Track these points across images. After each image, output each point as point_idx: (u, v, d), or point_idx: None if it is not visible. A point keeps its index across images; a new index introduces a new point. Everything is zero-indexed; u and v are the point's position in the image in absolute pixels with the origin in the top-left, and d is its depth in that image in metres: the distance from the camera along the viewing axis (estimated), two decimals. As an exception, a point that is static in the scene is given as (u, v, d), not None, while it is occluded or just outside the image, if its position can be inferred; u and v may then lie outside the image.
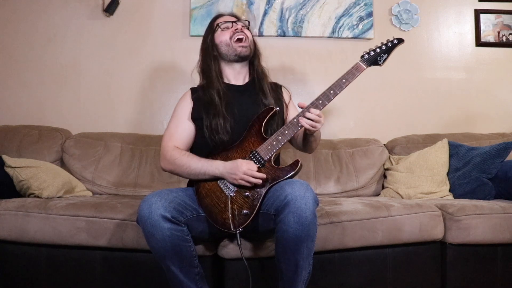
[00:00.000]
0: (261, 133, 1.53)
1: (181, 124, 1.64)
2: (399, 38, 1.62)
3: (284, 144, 1.50)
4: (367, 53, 1.59)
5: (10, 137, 2.24)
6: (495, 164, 2.04)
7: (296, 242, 1.31)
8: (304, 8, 2.56)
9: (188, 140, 1.64)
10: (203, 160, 1.52)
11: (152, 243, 1.36)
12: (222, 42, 1.67)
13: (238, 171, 1.43)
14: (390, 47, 1.61)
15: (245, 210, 1.41)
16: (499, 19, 2.63)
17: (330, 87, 1.53)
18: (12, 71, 2.52)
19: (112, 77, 2.54)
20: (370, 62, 1.58)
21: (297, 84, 2.54)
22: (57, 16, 2.54)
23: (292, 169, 1.43)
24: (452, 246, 1.73)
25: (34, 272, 1.66)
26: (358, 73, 1.55)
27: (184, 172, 1.55)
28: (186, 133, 1.64)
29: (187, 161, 1.53)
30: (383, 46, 1.60)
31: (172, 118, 1.68)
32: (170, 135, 1.63)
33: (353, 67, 1.56)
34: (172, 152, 1.57)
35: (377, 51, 1.60)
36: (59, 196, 1.88)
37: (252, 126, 1.56)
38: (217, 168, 1.48)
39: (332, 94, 1.52)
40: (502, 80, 2.64)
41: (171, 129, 1.65)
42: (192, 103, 1.66)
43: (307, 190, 1.32)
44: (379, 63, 1.59)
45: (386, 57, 1.60)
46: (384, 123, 2.59)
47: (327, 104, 1.51)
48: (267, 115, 1.56)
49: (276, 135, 1.49)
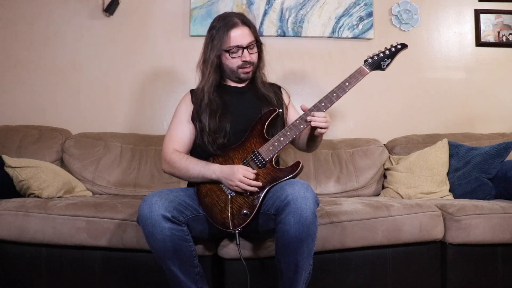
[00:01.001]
0: (263, 134, 1.54)
1: (181, 126, 1.64)
2: (403, 44, 1.64)
3: (285, 146, 1.50)
4: (370, 58, 1.61)
5: (10, 137, 2.24)
6: (495, 164, 2.04)
7: (296, 242, 1.31)
8: (304, 8, 2.56)
9: (188, 143, 1.65)
10: (201, 163, 1.53)
11: (152, 243, 1.36)
12: (227, 66, 1.64)
13: (234, 177, 1.43)
14: (393, 52, 1.62)
15: (245, 210, 1.42)
16: (499, 19, 2.63)
17: (333, 90, 1.54)
18: (12, 71, 2.52)
19: (112, 77, 2.54)
20: (373, 66, 1.60)
21: (297, 84, 2.54)
22: (57, 16, 2.54)
23: (293, 170, 1.43)
24: (452, 246, 1.73)
25: (34, 272, 1.66)
26: (361, 77, 1.57)
27: (183, 175, 1.56)
28: (186, 136, 1.64)
29: (186, 164, 1.54)
30: (387, 51, 1.62)
31: (172, 121, 1.68)
32: (170, 138, 1.63)
33: (356, 71, 1.57)
34: (172, 155, 1.58)
35: (380, 55, 1.61)
36: (59, 196, 1.88)
37: (254, 127, 1.56)
38: (214, 173, 1.49)
39: (335, 97, 1.53)
40: (502, 80, 2.64)
41: (171, 131, 1.65)
42: (192, 105, 1.65)
43: (307, 191, 1.32)
44: (383, 67, 1.61)
45: (389, 62, 1.62)
46: (384, 123, 2.59)
47: (329, 107, 1.52)
48: (269, 116, 1.56)
49: (278, 136, 1.50)
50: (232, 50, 1.60)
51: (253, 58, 1.64)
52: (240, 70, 1.64)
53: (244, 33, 1.61)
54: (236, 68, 1.63)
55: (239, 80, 1.69)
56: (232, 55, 1.61)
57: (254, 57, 1.66)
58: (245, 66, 1.63)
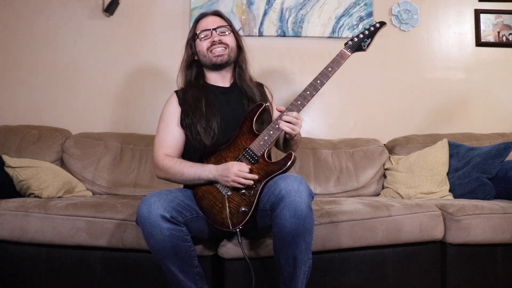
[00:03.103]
0: (253, 130, 1.53)
1: (170, 130, 1.63)
2: (381, 22, 1.64)
3: (276, 138, 1.50)
4: (350, 40, 1.61)
5: (10, 137, 2.24)
6: (495, 164, 2.04)
7: (293, 237, 1.31)
8: (304, 8, 2.56)
9: (179, 146, 1.64)
10: (196, 166, 1.53)
11: (151, 243, 1.36)
12: (200, 52, 1.67)
13: (229, 173, 1.43)
14: (373, 31, 1.62)
15: (243, 207, 1.42)
16: (499, 19, 2.63)
17: (317, 77, 1.54)
18: (12, 71, 2.52)
19: (112, 77, 2.54)
20: (354, 48, 1.60)
21: (297, 84, 2.54)
22: (57, 16, 2.54)
23: (286, 162, 1.43)
24: (452, 246, 1.73)
25: (34, 272, 1.66)
26: (343, 60, 1.57)
27: (178, 179, 1.56)
28: (176, 139, 1.62)
29: (180, 169, 1.53)
30: (366, 31, 1.62)
31: (160, 124, 1.66)
32: (160, 143, 1.62)
33: (338, 55, 1.57)
34: (164, 161, 1.57)
35: (360, 36, 1.61)
36: (59, 196, 1.88)
37: (243, 124, 1.56)
38: (210, 172, 1.49)
39: (319, 83, 1.53)
40: (502, 80, 2.64)
41: (160, 136, 1.64)
42: (180, 108, 1.64)
43: (301, 184, 1.32)
44: (363, 48, 1.61)
45: (369, 42, 1.61)
46: (384, 123, 2.59)
47: (315, 94, 1.52)
48: (257, 111, 1.57)
49: (268, 130, 1.50)
50: (201, 34, 1.65)
51: (224, 40, 1.65)
52: (210, 53, 1.64)
53: (214, 20, 1.68)
54: (206, 52, 1.64)
55: (214, 67, 1.67)
56: (202, 39, 1.65)
57: (227, 40, 1.65)
58: (214, 46, 1.63)
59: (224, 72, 1.71)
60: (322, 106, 2.58)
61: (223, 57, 1.65)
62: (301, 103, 1.51)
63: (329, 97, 2.57)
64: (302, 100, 1.51)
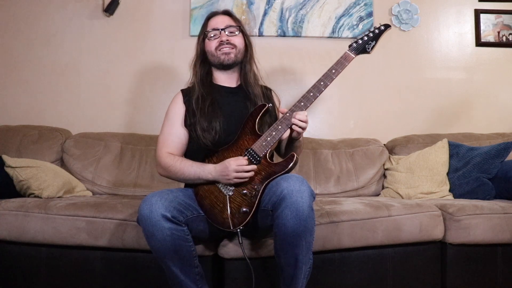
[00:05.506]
0: (255, 131, 1.53)
1: (174, 129, 1.64)
2: (386, 24, 1.63)
3: (278, 139, 1.50)
4: (355, 42, 1.60)
5: (10, 137, 2.24)
6: (495, 164, 2.04)
7: (294, 237, 1.31)
8: (304, 8, 2.56)
9: (182, 145, 1.64)
10: (196, 165, 1.53)
11: (152, 243, 1.36)
12: (209, 51, 1.68)
13: (228, 170, 1.43)
14: (377, 34, 1.61)
15: (244, 208, 1.42)
16: (499, 19, 2.63)
17: (320, 78, 1.54)
18: (12, 71, 2.52)
19: (112, 77, 2.54)
20: (358, 50, 1.59)
21: (297, 84, 2.54)
22: (57, 16, 2.54)
23: (288, 163, 1.43)
24: (452, 246, 1.73)
25: (34, 272, 1.66)
26: (347, 62, 1.56)
27: (179, 178, 1.57)
28: (179, 138, 1.63)
29: (181, 168, 1.54)
30: (370, 33, 1.61)
31: (164, 122, 1.67)
32: (163, 142, 1.63)
33: (342, 57, 1.57)
34: (166, 159, 1.58)
35: (364, 39, 1.60)
36: (59, 196, 1.88)
37: (245, 124, 1.56)
38: (209, 173, 1.49)
39: (323, 85, 1.53)
40: (502, 80, 2.64)
41: (164, 135, 1.65)
42: (184, 107, 1.65)
43: (302, 184, 1.32)
44: (368, 50, 1.60)
45: (374, 44, 1.60)
46: (384, 123, 2.59)
47: (318, 96, 1.52)
48: (260, 112, 1.56)
49: (270, 131, 1.50)
50: (210, 33, 1.66)
51: (232, 40, 1.65)
52: (218, 52, 1.65)
53: (223, 19, 1.69)
54: (215, 51, 1.65)
55: (222, 67, 1.68)
56: (211, 39, 1.66)
57: (235, 41, 1.66)
58: (222, 46, 1.64)
59: (231, 72, 1.71)
60: (322, 106, 2.58)
61: (230, 55, 1.65)
62: (304, 104, 1.51)
63: (329, 97, 2.57)
64: (305, 102, 1.51)
